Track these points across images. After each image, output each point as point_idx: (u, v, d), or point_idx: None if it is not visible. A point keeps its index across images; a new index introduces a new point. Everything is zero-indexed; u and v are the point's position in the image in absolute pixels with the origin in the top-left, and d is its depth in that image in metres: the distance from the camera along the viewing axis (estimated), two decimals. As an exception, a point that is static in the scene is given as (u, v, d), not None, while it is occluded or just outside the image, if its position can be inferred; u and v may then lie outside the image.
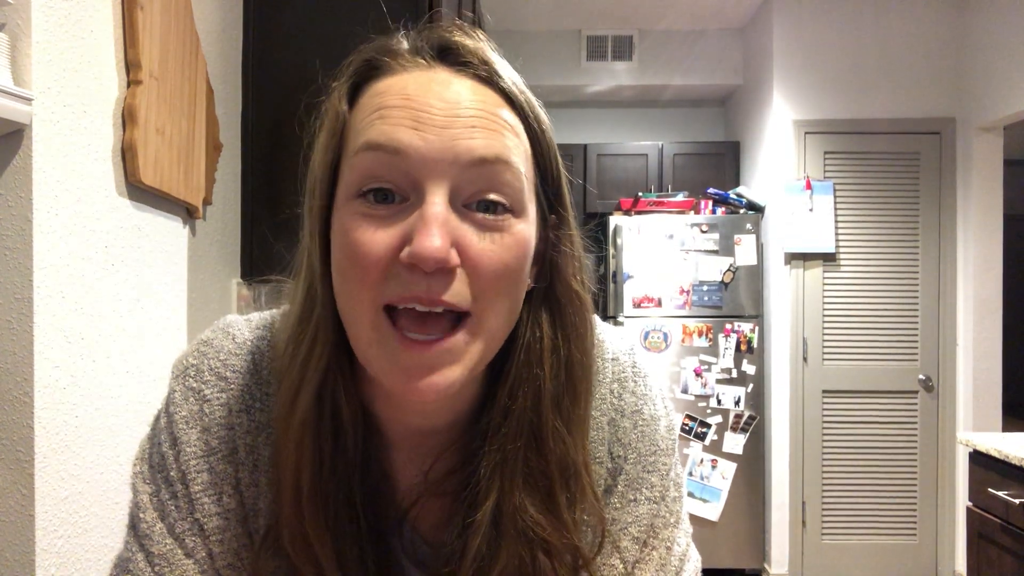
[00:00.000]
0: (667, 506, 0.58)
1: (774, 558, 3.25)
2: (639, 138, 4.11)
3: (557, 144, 0.51)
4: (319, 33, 1.77)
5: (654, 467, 0.57)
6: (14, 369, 1.02)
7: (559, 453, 0.50)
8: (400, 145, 0.43)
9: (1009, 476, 1.84)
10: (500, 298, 0.46)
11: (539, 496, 0.50)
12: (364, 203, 0.44)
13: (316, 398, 0.48)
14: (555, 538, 0.50)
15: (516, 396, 0.50)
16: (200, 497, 0.51)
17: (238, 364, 0.53)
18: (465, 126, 0.44)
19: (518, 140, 0.47)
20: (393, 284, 0.44)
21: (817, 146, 3.29)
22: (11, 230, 1.01)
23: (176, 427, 0.52)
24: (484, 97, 0.46)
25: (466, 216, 0.45)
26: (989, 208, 3.14)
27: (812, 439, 3.25)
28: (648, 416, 0.58)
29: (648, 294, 3.28)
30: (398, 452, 0.55)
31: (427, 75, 0.46)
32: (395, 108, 0.44)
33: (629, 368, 0.59)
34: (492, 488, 0.49)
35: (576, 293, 0.52)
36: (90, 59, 1.16)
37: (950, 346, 3.22)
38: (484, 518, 0.49)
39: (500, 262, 0.45)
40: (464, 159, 0.43)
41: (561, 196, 0.52)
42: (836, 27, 3.30)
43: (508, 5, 3.54)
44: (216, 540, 0.51)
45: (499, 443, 0.50)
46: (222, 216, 1.73)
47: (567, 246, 0.52)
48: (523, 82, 0.50)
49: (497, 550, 0.49)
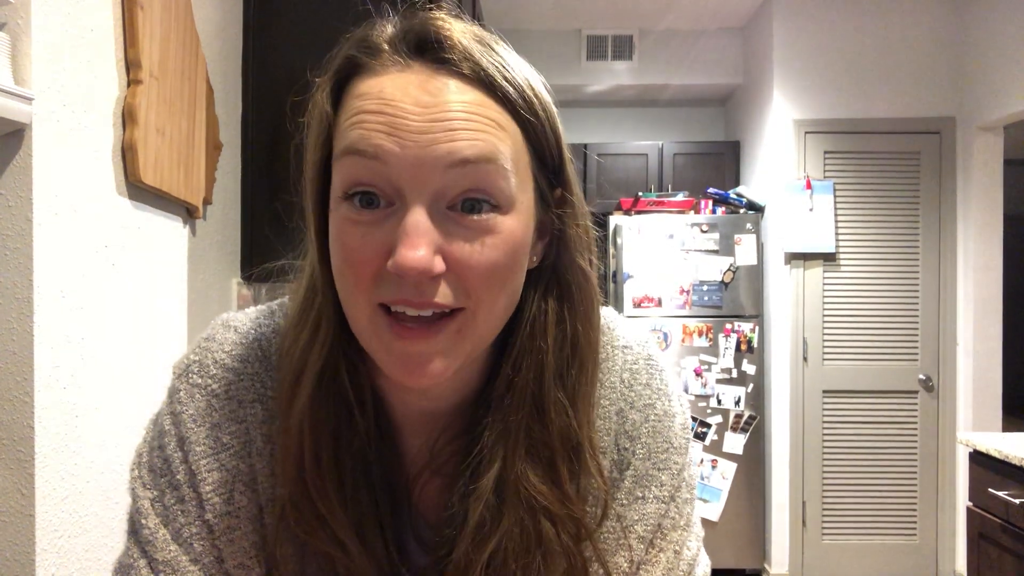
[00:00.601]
0: (677, 507, 0.56)
1: (774, 558, 3.25)
2: (639, 138, 4.11)
3: None
4: (319, 33, 1.77)
5: (665, 465, 0.56)
6: (14, 369, 1.01)
7: (561, 425, 0.51)
8: (379, 152, 0.43)
9: (1009, 476, 1.84)
10: (493, 293, 0.46)
11: (541, 466, 0.50)
12: (351, 207, 0.44)
13: (318, 380, 0.49)
14: (557, 507, 0.50)
15: (520, 368, 0.50)
16: (211, 497, 0.50)
17: (245, 354, 0.53)
18: (444, 129, 0.43)
19: (504, 133, 0.45)
20: (384, 287, 0.44)
21: (817, 146, 3.29)
22: (11, 230, 1.01)
23: (184, 427, 0.51)
24: (463, 95, 0.44)
25: (450, 219, 0.44)
26: (989, 208, 3.14)
27: (812, 439, 3.25)
28: (661, 411, 0.57)
29: (648, 294, 3.28)
30: (406, 430, 0.55)
31: (404, 76, 0.44)
32: (371, 113, 0.43)
33: (643, 360, 0.58)
34: (495, 457, 0.49)
35: (581, 269, 0.52)
36: (90, 59, 1.16)
37: (950, 346, 3.22)
38: (487, 486, 0.49)
39: (488, 262, 0.44)
40: (444, 162, 0.42)
41: (563, 173, 0.51)
42: (836, 27, 3.29)
43: (508, 5, 3.54)
44: (226, 540, 0.51)
45: (502, 414, 0.50)
46: (222, 216, 1.73)
47: (572, 223, 0.51)
48: (510, 58, 0.47)
49: (499, 517, 0.49)
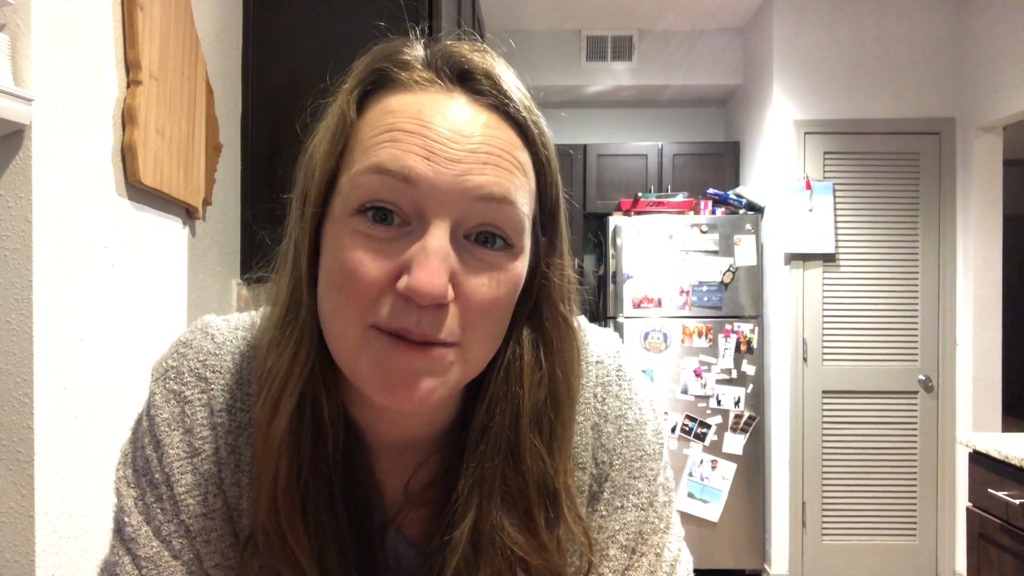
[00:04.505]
0: (656, 511, 0.57)
1: (774, 558, 3.25)
2: (639, 138, 4.11)
3: (557, 144, 0.51)
4: (319, 34, 1.77)
5: (640, 473, 0.57)
6: (14, 369, 1.02)
7: (537, 472, 0.50)
8: (412, 174, 0.42)
9: (1009, 476, 1.84)
10: (486, 330, 0.46)
11: (517, 515, 0.50)
12: (363, 221, 0.44)
13: (298, 402, 0.48)
14: (533, 558, 0.49)
15: (493, 413, 0.50)
16: (185, 498, 0.51)
17: (218, 364, 0.53)
18: (477, 161, 0.43)
19: (525, 179, 0.47)
20: (383, 309, 0.43)
21: (817, 146, 3.29)
22: (11, 230, 1.01)
23: (158, 430, 0.52)
24: (499, 133, 0.45)
25: (465, 249, 0.45)
26: (989, 208, 3.14)
27: (812, 439, 3.25)
28: (633, 421, 0.57)
29: (648, 294, 3.28)
30: (379, 459, 0.55)
31: (443, 100, 0.45)
32: (408, 133, 0.43)
33: (614, 372, 0.58)
34: (470, 505, 0.49)
35: (563, 317, 0.52)
36: (90, 59, 1.16)
37: (950, 346, 3.22)
38: (462, 536, 0.48)
39: (492, 298, 0.45)
40: (473, 194, 0.43)
41: (556, 221, 0.52)
42: (836, 27, 3.30)
43: (508, 5, 3.54)
44: (203, 541, 0.51)
45: (477, 460, 0.49)
46: (222, 216, 1.73)
47: (557, 272, 0.52)
48: (534, 105, 0.49)
49: (475, 568, 0.49)
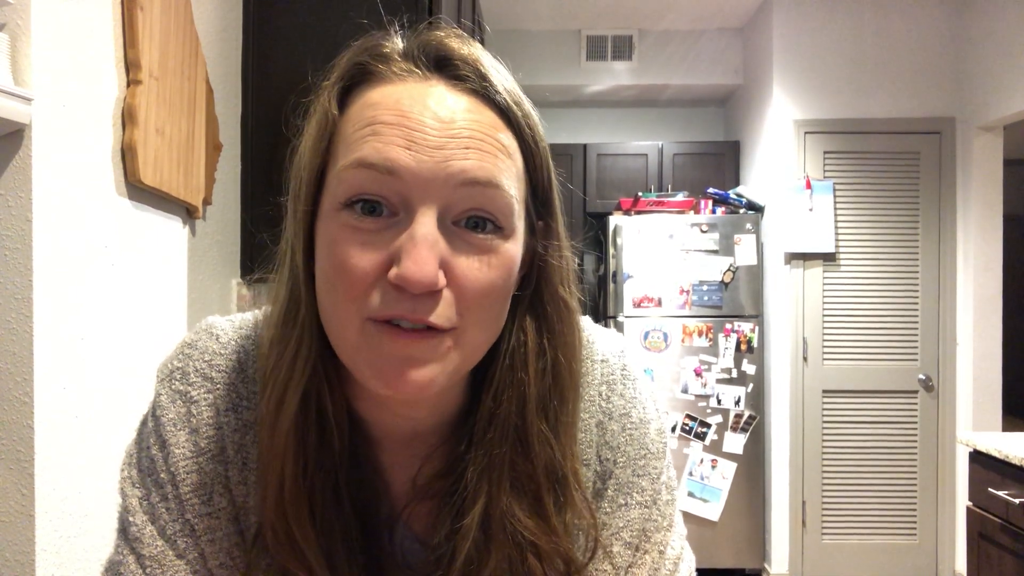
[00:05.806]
0: (659, 510, 0.58)
1: (774, 558, 3.25)
2: (639, 138, 4.11)
3: (557, 144, 0.51)
4: (319, 33, 1.77)
5: (644, 471, 0.57)
6: (14, 369, 1.02)
7: (545, 457, 0.50)
8: (394, 166, 0.43)
9: (1009, 476, 1.84)
10: (484, 314, 0.46)
11: (527, 500, 0.50)
12: (351, 215, 0.44)
13: (302, 399, 0.48)
14: (544, 542, 0.50)
15: (500, 401, 0.50)
16: (190, 498, 0.51)
17: (223, 364, 0.54)
18: (459, 147, 0.44)
19: (511, 161, 0.46)
20: (378, 300, 0.44)
21: (817, 146, 3.29)
22: (11, 230, 1.01)
23: (164, 430, 0.52)
24: (480, 116, 0.45)
25: (455, 234, 0.45)
26: (989, 208, 3.14)
27: (812, 439, 3.25)
28: (637, 419, 0.58)
29: (648, 294, 3.28)
30: (385, 453, 0.55)
31: (422, 89, 0.45)
32: (389, 125, 0.44)
33: (619, 371, 0.59)
34: (480, 493, 0.49)
35: (563, 300, 0.52)
36: (90, 59, 1.16)
37: (950, 346, 3.22)
38: (473, 523, 0.49)
39: (487, 282, 0.45)
40: (457, 179, 0.43)
41: (550, 205, 0.52)
42: (836, 27, 3.29)
43: (508, 5, 3.54)
44: (207, 540, 0.51)
45: (485, 448, 0.50)
46: (222, 216, 1.73)
47: (555, 254, 0.52)
48: (518, 88, 0.49)
49: (486, 554, 0.49)
